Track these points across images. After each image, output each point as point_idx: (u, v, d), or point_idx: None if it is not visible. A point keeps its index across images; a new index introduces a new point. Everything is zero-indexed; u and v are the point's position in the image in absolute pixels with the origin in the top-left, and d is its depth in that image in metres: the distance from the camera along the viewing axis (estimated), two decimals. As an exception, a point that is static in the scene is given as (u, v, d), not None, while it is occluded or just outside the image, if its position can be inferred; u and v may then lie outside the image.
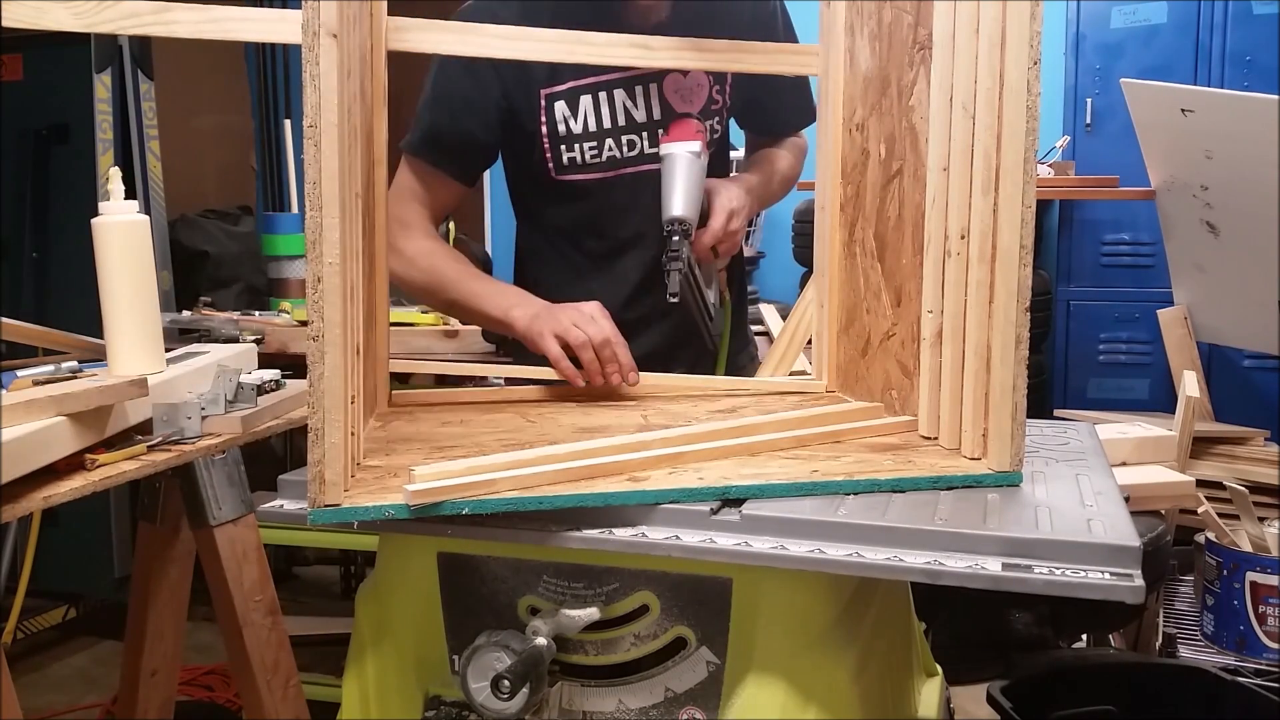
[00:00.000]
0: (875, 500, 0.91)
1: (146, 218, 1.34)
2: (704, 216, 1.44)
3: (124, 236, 1.30)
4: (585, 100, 1.49)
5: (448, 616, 0.98)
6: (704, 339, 1.56)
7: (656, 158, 1.48)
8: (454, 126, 1.49)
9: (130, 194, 1.40)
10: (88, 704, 2.78)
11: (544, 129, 1.49)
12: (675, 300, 1.36)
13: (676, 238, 1.37)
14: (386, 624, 1.01)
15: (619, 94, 1.49)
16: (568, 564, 0.94)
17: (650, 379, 1.37)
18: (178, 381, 1.32)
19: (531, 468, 0.91)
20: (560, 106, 1.49)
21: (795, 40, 1.58)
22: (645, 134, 1.51)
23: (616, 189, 1.53)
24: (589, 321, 1.33)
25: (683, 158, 1.40)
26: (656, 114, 1.50)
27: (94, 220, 1.30)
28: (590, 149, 1.50)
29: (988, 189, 0.95)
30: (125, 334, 1.30)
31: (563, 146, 1.51)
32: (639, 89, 1.49)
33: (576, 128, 1.49)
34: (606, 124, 1.50)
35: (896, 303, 1.14)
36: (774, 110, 1.66)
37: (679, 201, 1.39)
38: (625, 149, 1.51)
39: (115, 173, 1.33)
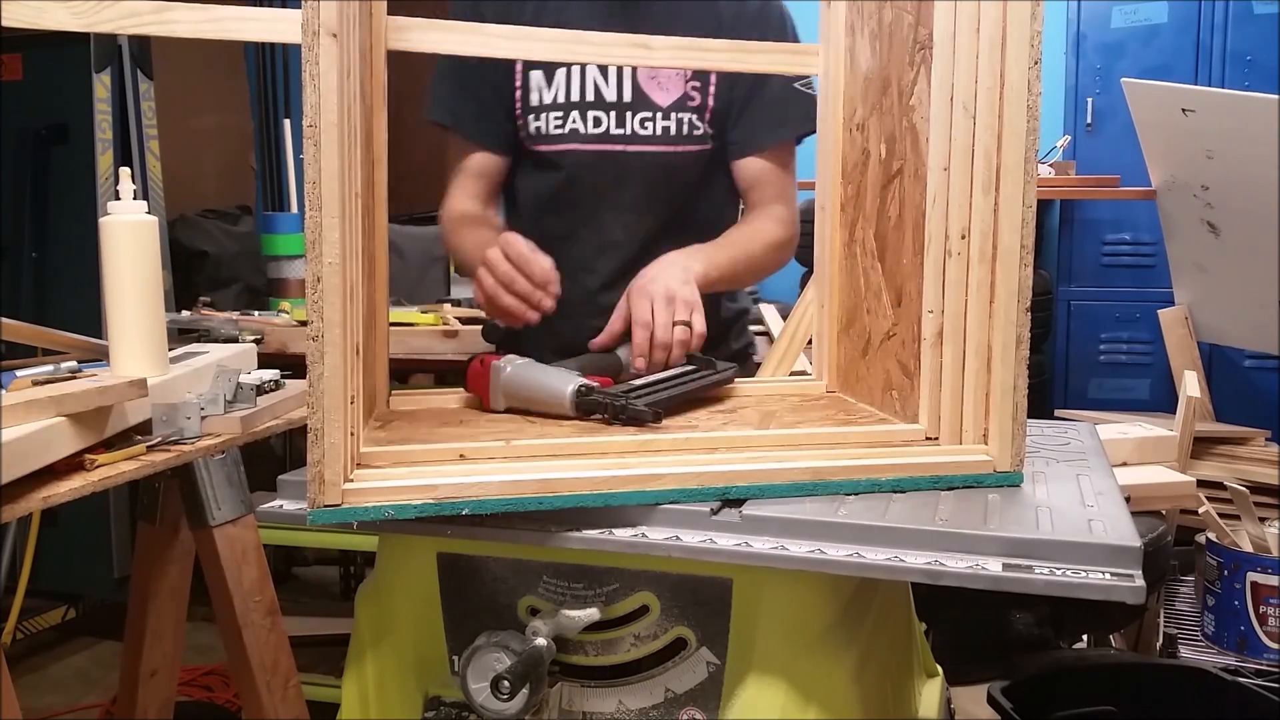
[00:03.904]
0: (876, 500, 0.91)
1: (155, 218, 1.33)
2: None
3: (133, 236, 1.29)
4: (560, 73, 1.51)
5: (447, 617, 0.98)
6: None
7: (621, 139, 1.50)
8: (459, 88, 1.54)
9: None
10: (87, 704, 2.78)
11: (518, 94, 1.52)
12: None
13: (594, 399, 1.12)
14: (386, 624, 1.01)
15: (591, 70, 1.50)
16: (568, 564, 0.94)
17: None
18: (177, 382, 1.31)
19: (519, 474, 0.91)
20: (536, 76, 1.51)
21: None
22: (613, 113, 1.51)
23: (578, 164, 1.53)
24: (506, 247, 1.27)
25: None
26: (627, 97, 1.51)
27: (102, 219, 1.29)
28: (555, 119, 1.52)
29: (988, 189, 0.95)
30: (129, 335, 1.30)
31: (531, 115, 1.53)
32: (613, 68, 1.50)
33: (548, 98, 1.51)
34: (575, 97, 1.51)
35: (897, 303, 1.14)
36: (738, 117, 1.55)
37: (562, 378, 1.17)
38: (591, 125, 1.52)
39: (125, 172, 1.32)
